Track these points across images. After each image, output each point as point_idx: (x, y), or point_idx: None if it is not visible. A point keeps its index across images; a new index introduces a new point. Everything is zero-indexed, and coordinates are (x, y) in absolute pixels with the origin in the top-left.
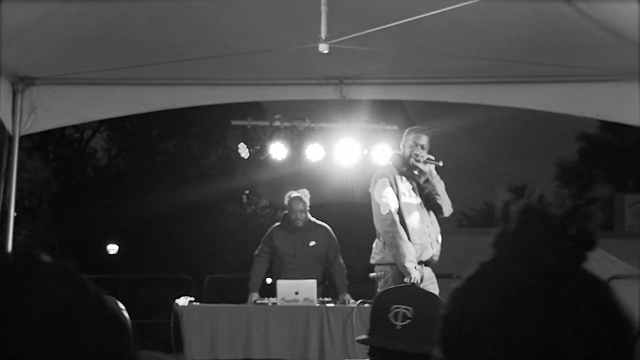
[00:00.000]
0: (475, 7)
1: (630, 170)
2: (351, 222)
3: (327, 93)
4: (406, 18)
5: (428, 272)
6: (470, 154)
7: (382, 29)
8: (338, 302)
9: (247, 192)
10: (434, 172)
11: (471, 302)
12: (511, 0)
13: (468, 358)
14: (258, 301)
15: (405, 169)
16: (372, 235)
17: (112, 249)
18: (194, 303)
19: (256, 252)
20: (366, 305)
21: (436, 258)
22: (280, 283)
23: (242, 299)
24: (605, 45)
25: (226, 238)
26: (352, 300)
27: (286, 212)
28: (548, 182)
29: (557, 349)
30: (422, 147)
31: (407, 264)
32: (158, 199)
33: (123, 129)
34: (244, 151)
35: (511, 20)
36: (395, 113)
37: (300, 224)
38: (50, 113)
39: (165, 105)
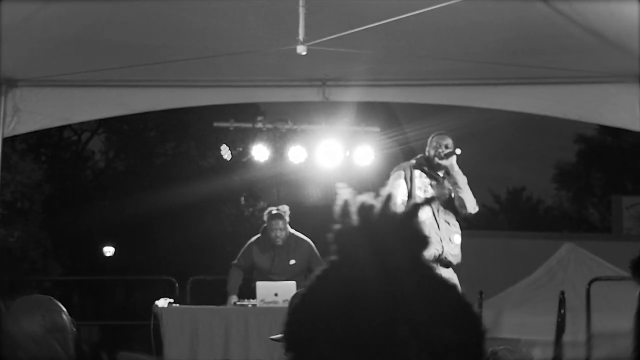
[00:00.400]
0: (457, 9)
1: (628, 172)
2: (332, 224)
3: (310, 95)
4: (386, 19)
5: (444, 272)
6: (466, 156)
7: (362, 30)
8: None
9: (245, 194)
10: (456, 167)
11: (313, 300)
12: (492, 1)
13: (308, 356)
14: (238, 303)
15: (427, 168)
16: None
17: (109, 251)
18: (174, 305)
19: (234, 261)
20: None
21: (451, 258)
22: (260, 284)
23: (225, 300)
24: (587, 47)
25: (224, 240)
26: None
27: (265, 225)
28: (546, 184)
29: (393, 349)
30: (447, 146)
31: None
32: (156, 200)
33: (121, 131)
34: (226, 153)
35: (493, 22)
36: (378, 115)
37: (280, 242)
38: (33, 115)
39: (148, 107)
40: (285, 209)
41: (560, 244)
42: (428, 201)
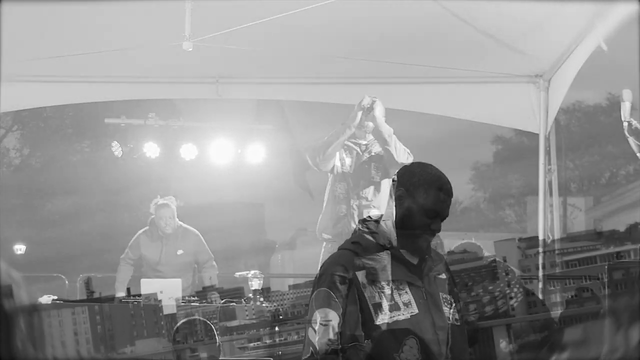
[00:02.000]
0: (346, 7)
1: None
2: (225, 222)
3: (203, 92)
4: (274, 16)
5: None
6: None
7: (254, 27)
8: (204, 302)
9: (161, 193)
10: (379, 119)
11: None
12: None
13: None
14: (123, 300)
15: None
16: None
17: (20, 248)
18: (57, 301)
19: (122, 255)
20: (231, 305)
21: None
22: (144, 281)
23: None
24: (481, 47)
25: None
26: (218, 300)
27: (153, 217)
28: (463, 184)
29: None
30: (368, 103)
31: None
32: (72, 198)
33: (37, 128)
34: (117, 149)
35: (384, 21)
36: (272, 113)
37: (169, 230)
38: None
39: (38, 103)
40: (172, 199)
41: None
42: None
